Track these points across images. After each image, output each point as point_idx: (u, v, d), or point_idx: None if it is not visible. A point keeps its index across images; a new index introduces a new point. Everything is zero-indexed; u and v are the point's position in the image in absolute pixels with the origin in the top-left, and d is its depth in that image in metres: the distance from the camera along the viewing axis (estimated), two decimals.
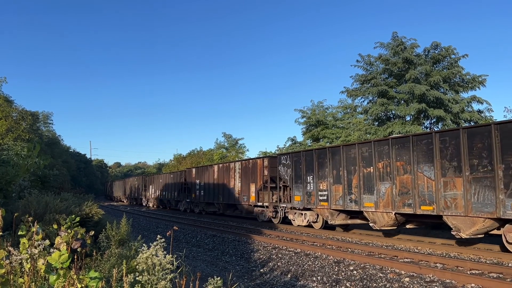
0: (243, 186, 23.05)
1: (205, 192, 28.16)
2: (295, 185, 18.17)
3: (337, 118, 34.88)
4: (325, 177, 16.38)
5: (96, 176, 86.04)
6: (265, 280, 10.10)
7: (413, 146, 12.81)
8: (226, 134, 51.69)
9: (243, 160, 24.12)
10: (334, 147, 16.55)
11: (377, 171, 14.02)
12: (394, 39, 27.03)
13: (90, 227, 7.30)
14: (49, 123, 48.78)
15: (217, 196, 26.28)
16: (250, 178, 22.35)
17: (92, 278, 2.99)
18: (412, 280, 8.77)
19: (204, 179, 28.37)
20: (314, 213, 17.72)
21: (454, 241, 13.01)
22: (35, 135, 35.74)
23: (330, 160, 16.19)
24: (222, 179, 25.66)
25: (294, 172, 18.27)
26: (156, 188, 40.95)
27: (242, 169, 23.40)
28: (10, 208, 8.12)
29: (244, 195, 22.86)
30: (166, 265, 3.71)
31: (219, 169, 26.40)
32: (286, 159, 19.13)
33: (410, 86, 24.45)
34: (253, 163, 22.37)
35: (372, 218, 14.32)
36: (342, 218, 16.43)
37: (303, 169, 17.66)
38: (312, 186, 17.13)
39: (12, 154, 18.49)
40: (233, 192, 24.16)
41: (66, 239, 3.65)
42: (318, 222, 17.77)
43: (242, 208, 23.57)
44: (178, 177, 34.57)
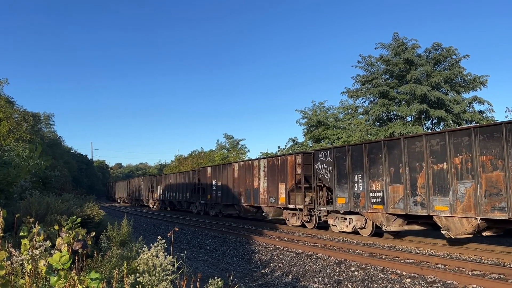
0: (269, 186, 20.61)
1: (223, 193, 25.66)
2: (337, 185, 16.00)
3: (338, 119, 34.88)
4: (379, 176, 14.14)
5: (97, 177, 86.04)
6: (266, 281, 10.10)
7: (506, 137, 10.48)
8: (227, 135, 51.72)
9: (269, 157, 21.58)
10: (391, 140, 14.30)
11: (453, 167, 11.70)
12: (395, 40, 27.04)
13: (91, 228, 7.31)
14: (50, 124, 48.80)
15: (237, 197, 23.74)
16: (278, 177, 19.91)
17: (93, 279, 2.99)
18: (413, 281, 8.76)
19: (222, 178, 25.81)
20: (362, 218, 15.33)
21: (454, 241, 12.98)
22: (37, 136, 35.78)
23: (386, 155, 13.90)
24: (243, 178, 23.12)
25: (337, 170, 16.11)
26: (164, 188, 38.46)
27: (268, 167, 20.87)
28: (11, 209, 8.13)
29: (271, 197, 20.42)
30: (166, 266, 3.72)
31: (239, 167, 23.84)
32: (325, 155, 16.93)
33: (411, 87, 24.44)
34: (282, 161, 19.90)
35: (445, 224, 12.08)
36: (399, 223, 14.11)
37: (348, 166, 15.48)
38: (361, 187, 14.92)
39: (13, 155, 18.50)
40: (257, 193, 21.66)
41: (67, 240, 3.66)
42: (367, 228, 15.35)
43: (269, 210, 21.04)
44: (190, 176, 32.10)
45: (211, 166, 28.69)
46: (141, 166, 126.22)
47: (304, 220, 18.54)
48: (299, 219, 18.92)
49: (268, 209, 21.10)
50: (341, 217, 16.33)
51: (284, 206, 19.50)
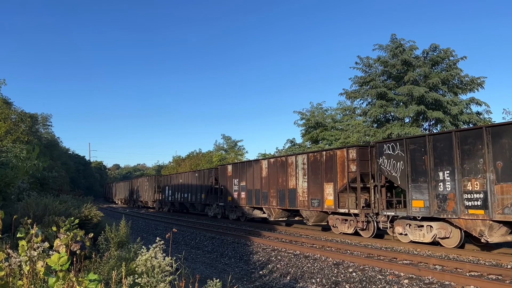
0: (311, 186, 17.69)
1: (248, 194, 22.63)
2: (412, 185, 13.32)
3: (336, 120, 34.94)
4: (478, 172, 11.45)
5: (95, 178, 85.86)
6: (264, 282, 10.09)
7: None
8: (225, 136, 51.77)
9: (311, 152, 18.64)
10: (498, 126, 11.51)
11: None
12: (393, 41, 27.09)
13: (89, 229, 7.30)
14: (48, 125, 48.70)
15: (266, 199, 20.86)
16: (323, 175, 17.04)
17: (91, 281, 2.99)
18: (411, 282, 8.78)
19: (246, 178, 22.89)
20: (447, 226, 12.55)
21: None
22: (34, 137, 35.71)
23: (489, 145, 11.23)
24: (274, 177, 20.30)
25: (411, 166, 13.47)
26: (174, 189, 35.29)
27: (309, 164, 17.96)
28: (9, 210, 8.12)
29: (314, 199, 17.51)
30: (165, 267, 3.72)
31: (269, 165, 20.90)
32: (393, 148, 14.24)
33: (409, 88, 24.49)
34: (328, 156, 17.00)
35: None
36: (502, 232, 11.48)
37: (429, 161, 12.78)
38: (448, 186, 12.23)
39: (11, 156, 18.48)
40: (293, 195, 18.83)
41: (65, 241, 3.65)
42: (451, 238, 12.58)
43: (309, 215, 18.14)
44: (205, 176, 29.22)
45: (232, 164, 25.69)
46: (139, 167, 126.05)
47: (358, 228, 15.74)
48: (351, 226, 16.06)
49: (308, 214, 18.14)
50: (414, 224, 13.44)
51: (332, 210, 16.55)
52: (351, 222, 16.06)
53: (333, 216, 17.00)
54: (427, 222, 13.10)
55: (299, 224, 21.70)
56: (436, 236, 12.81)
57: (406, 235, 13.84)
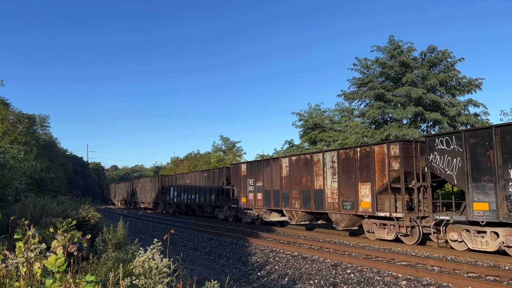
0: (342, 187, 15.99)
1: (265, 196, 20.84)
2: (473, 184, 11.74)
3: (334, 121, 35.01)
4: None
5: (93, 179, 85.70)
6: (262, 283, 10.08)
7: None
8: (224, 137, 51.75)
9: (342, 148, 16.66)
10: None
11: None
12: (391, 43, 27.17)
13: (87, 231, 7.28)
14: (46, 126, 48.64)
15: (287, 200, 19.11)
16: (358, 175, 15.35)
17: (89, 282, 2.98)
18: (409, 283, 8.78)
19: (263, 177, 21.14)
20: None
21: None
22: (32, 138, 35.63)
23: None
24: (297, 177, 18.54)
25: (471, 163, 11.80)
26: (179, 190, 33.69)
27: (340, 162, 16.18)
28: (6, 211, 8.09)
29: (346, 201, 15.75)
30: (162, 269, 3.71)
31: (291, 163, 19.14)
32: (448, 142, 12.54)
33: (406, 90, 24.55)
34: (364, 153, 15.24)
35: None
36: None
37: (495, 156, 11.11)
38: None
39: (8, 157, 18.44)
40: (320, 196, 17.06)
41: (63, 243, 3.65)
42: None
43: (340, 219, 16.26)
44: (215, 176, 27.62)
45: (246, 162, 23.75)
46: (137, 168, 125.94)
47: (401, 233, 13.97)
48: (391, 232, 14.28)
49: (338, 217, 16.28)
50: (474, 230, 11.85)
51: (369, 213, 14.86)
52: (391, 227, 14.29)
53: (368, 220, 15.15)
54: (491, 228, 11.41)
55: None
56: (503, 244, 11.20)
57: (461, 242, 12.21)
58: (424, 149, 13.72)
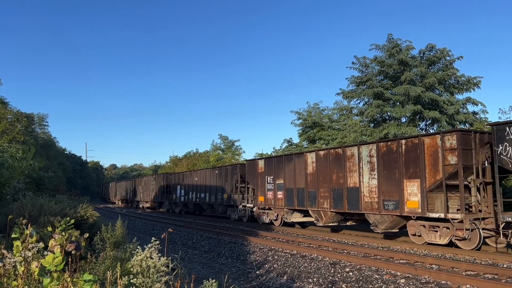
0: (383, 184, 14.29)
1: (287, 194, 19.21)
2: None
3: (333, 120, 35.02)
4: None
5: (92, 178, 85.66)
6: (261, 282, 10.09)
7: None
8: (223, 136, 51.74)
9: (382, 141, 14.99)
10: None
11: None
12: (390, 41, 27.17)
13: (85, 230, 7.27)
14: (44, 125, 48.60)
15: (315, 200, 17.30)
16: (403, 170, 13.64)
17: (87, 281, 2.98)
18: (407, 282, 8.79)
19: (285, 174, 19.49)
20: None
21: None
22: (30, 137, 35.59)
23: None
24: (326, 173, 16.82)
25: None
26: (187, 189, 32.00)
27: (380, 156, 14.49)
28: (4, 210, 8.09)
29: (387, 200, 14.06)
30: (160, 268, 3.70)
31: (318, 158, 17.35)
32: None
33: (405, 88, 24.56)
34: (410, 146, 13.55)
35: None
36: None
37: None
38: None
39: (7, 156, 18.40)
40: (355, 194, 15.35)
41: (60, 242, 3.64)
42: None
43: (380, 220, 14.52)
44: (228, 173, 25.84)
45: (265, 158, 22.00)
46: (136, 167, 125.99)
47: (458, 237, 12.28)
48: (445, 235, 12.55)
49: (378, 219, 14.53)
50: None
51: (418, 214, 13.09)
52: (444, 230, 12.59)
53: (415, 222, 13.34)
54: None
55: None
56: None
57: None
58: (482, 141, 12.50)
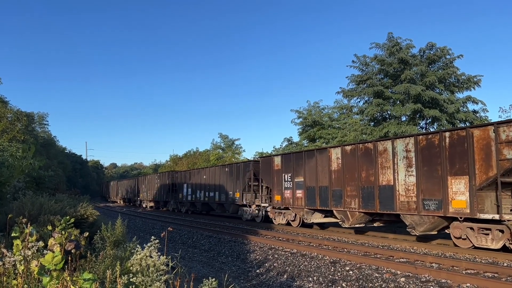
0: (423, 182, 12.93)
1: (308, 193, 17.80)
2: None
3: (333, 119, 35.01)
4: None
5: (92, 177, 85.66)
6: (261, 280, 10.09)
7: None
8: (223, 135, 51.72)
9: (422, 134, 13.64)
10: None
11: None
12: (390, 40, 27.16)
13: (85, 229, 7.27)
14: (44, 124, 48.57)
15: (341, 199, 15.98)
16: (447, 166, 12.26)
17: (86, 280, 2.97)
18: (408, 280, 8.79)
19: (305, 171, 18.07)
20: None
21: (450, 241, 13.05)
22: (31, 136, 35.59)
23: None
24: (353, 170, 15.51)
25: None
26: (194, 188, 30.60)
27: (419, 151, 13.13)
28: (4, 209, 8.09)
29: (429, 199, 12.68)
30: (160, 266, 3.70)
31: (344, 154, 16.00)
32: None
33: (405, 87, 24.54)
34: (456, 139, 12.10)
35: None
36: None
37: None
38: None
39: (7, 155, 18.40)
40: (388, 193, 13.99)
41: (60, 241, 3.63)
42: None
43: (418, 221, 13.06)
44: (240, 171, 24.35)
45: (281, 154, 20.47)
46: (136, 166, 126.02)
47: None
48: (498, 239, 11.28)
49: (416, 220, 13.12)
50: None
51: (466, 215, 11.76)
52: (496, 233, 11.28)
53: (461, 223, 12.04)
54: None
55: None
56: None
57: None
58: None
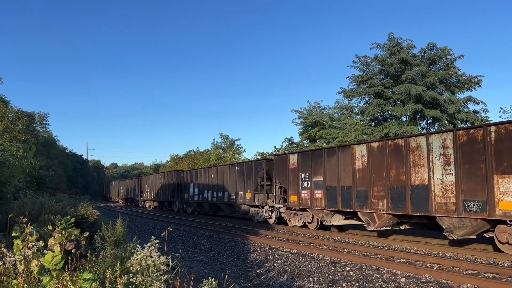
0: (463, 181, 11.79)
1: (328, 194, 16.69)
2: None
3: (333, 119, 35.01)
4: None
5: (93, 177, 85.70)
6: (262, 280, 10.09)
7: None
8: (223, 135, 51.74)
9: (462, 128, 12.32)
10: None
11: None
12: (390, 40, 27.15)
13: (86, 228, 7.27)
14: (45, 123, 48.64)
15: (366, 200, 14.83)
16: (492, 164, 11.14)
17: (86, 280, 2.97)
18: (408, 281, 8.79)
19: (325, 170, 16.97)
20: None
21: (448, 240, 13.04)
22: (31, 136, 35.62)
23: None
24: (382, 169, 14.33)
25: None
26: (202, 187, 29.15)
27: (458, 147, 12.02)
28: (4, 209, 8.10)
29: (470, 200, 11.56)
30: (160, 266, 3.70)
31: (370, 151, 14.89)
32: None
33: (406, 87, 24.54)
34: (504, 134, 11.04)
35: None
36: None
37: None
38: None
39: (7, 155, 18.43)
40: (424, 194, 12.79)
41: (60, 240, 3.64)
42: None
43: (457, 224, 11.92)
44: (251, 170, 23.18)
45: (298, 152, 19.38)
46: (137, 166, 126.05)
47: None
48: None
49: (455, 223, 12.00)
50: None
51: None
52: None
53: (508, 227, 10.95)
54: None
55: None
56: None
57: None
58: None
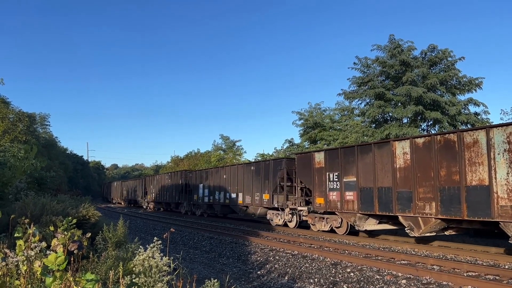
0: None
1: (362, 195, 15.11)
2: None
3: (334, 120, 35.01)
4: None
5: (93, 177, 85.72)
6: (262, 282, 10.09)
7: None
8: (224, 136, 51.73)
9: None
10: None
11: None
12: (391, 42, 27.17)
13: (87, 229, 7.28)
14: (46, 124, 48.72)
15: (410, 203, 13.14)
16: None
17: (89, 280, 2.99)
18: (409, 282, 8.79)
19: (358, 170, 15.36)
20: None
21: (451, 243, 13.04)
22: (32, 136, 35.66)
23: None
24: (429, 168, 12.64)
25: None
26: (213, 188, 27.24)
27: None
28: (6, 210, 8.11)
29: None
30: (162, 267, 3.72)
31: (414, 148, 13.20)
32: None
33: (407, 89, 24.55)
34: None
35: None
36: None
37: None
38: None
39: (9, 156, 18.44)
40: (484, 196, 11.09)
41: (63, 241, 3.65)
42: None
43: None
44: (269, 170, 21.43)
45: (325, 150, 17.81)
46: (137, 167, 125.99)
47: None
48: None
49: None
50: None
51: None
52: None
53: None
54: None
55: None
56: None
57: None
58: None
